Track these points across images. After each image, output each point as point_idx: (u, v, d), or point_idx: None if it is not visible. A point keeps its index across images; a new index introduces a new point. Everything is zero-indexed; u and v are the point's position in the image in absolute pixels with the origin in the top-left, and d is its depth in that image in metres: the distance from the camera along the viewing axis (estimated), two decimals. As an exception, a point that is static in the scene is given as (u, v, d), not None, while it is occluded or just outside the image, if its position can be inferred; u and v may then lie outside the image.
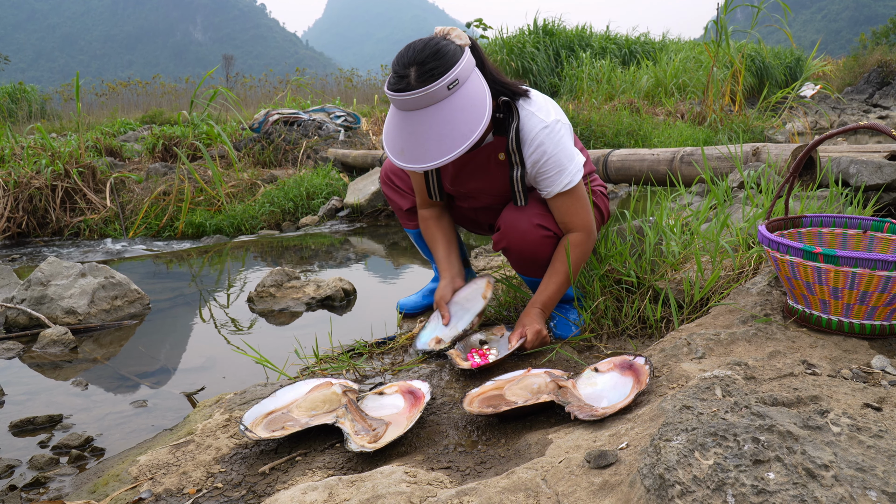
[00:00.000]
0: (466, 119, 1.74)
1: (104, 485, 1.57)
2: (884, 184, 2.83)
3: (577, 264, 2.02)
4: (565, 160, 1.92)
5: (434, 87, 1.70)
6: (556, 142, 1.91)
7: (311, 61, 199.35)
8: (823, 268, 1.53)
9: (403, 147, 1.79)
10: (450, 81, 1.71)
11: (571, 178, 1.94)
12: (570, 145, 1.97)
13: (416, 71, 1.71)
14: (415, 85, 1.70)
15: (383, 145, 1.87)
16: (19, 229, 5.65)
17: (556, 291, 2.04)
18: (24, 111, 15.20)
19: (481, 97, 1.78)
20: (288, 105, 10.51)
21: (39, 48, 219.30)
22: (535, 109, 1.93)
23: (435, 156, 1.74)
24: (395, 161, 1.82)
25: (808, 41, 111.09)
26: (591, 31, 15.33)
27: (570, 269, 2.01)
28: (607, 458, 1.21)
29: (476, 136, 1.73)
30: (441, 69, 1.71)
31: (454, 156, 1.73)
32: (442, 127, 1.73)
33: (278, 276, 3.26)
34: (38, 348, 2.64)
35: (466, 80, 1.77)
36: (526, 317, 2.03)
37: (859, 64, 18.90)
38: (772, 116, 9.51)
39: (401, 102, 1.74)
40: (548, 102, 1.99)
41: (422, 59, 1.72)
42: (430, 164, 1.76)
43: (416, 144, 1.76)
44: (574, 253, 2.00)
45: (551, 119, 1.92)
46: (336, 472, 1.49)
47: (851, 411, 1.23)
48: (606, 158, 4.54)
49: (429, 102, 1.72)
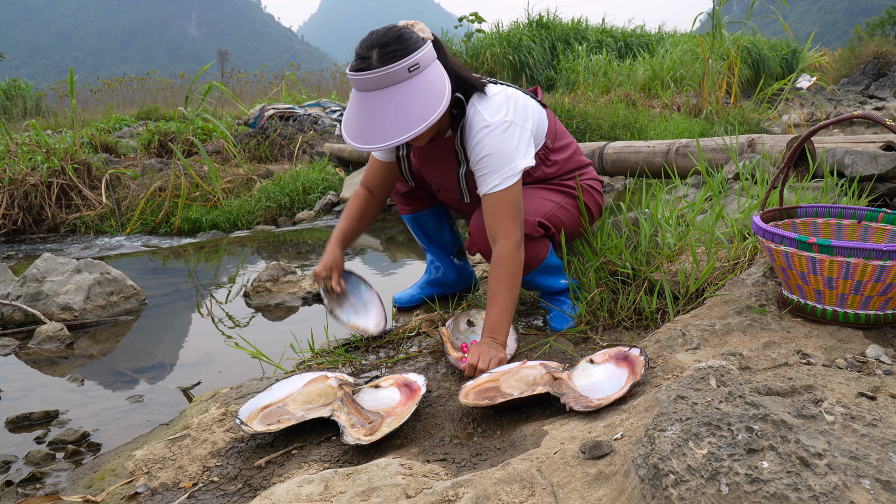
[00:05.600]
0: (424, 102, 1.77)
1: (100, 479, 1.57)
2: (879, 174, 2.83)
3: (510, 279, 1.90)
4: (499, 162, 1.90)
5: (395, 68, 1.74)
6: (495, 142, 1.90)
7: (307, 56, 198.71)
8: (818, 258, 1.53)
9: (361, 128, 1.80)
10: (411, 64, 1.76)
11: (501, 182, 1.89)
12: (510, 147, 1.91)
13: (378, 52, 1.76)
14: (376, 65, 1.75)
15: (342, 131, 1.87)
16: (15, 226, 5.63)
17: (499, 314, 1.89)
18: (19, 108, 15.11)
19: (440, 84, 1.81)
20: (283, 100, 10.47)
21: (34, 45, 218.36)
22: (483, 107, 1.93)
23: (391, 135, 1.76)
24: (352, 143, 1.82)
25: (804, 32, 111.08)
26: (587, 24, 15.31)
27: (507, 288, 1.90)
28: (602, 448, 1.21)
29: (432, 120, 1.76)
30: (403, 52, 1.76)
31: (409, 136, 1.75)
32: (399, 108, 1.76)
33: (274, 270, 3.25)
34: (33, 345, 2.63)
35: (427, 67, 1.81)
36: (477, 348, 1.87)
37: (855, 55, 18.90)
38: (768, 108, 9.51)
39: (361, 82, 1.77)
40: (505, 100, 1.96)
41: (384, 41, 1.77)
42: (384, 144, 1.77)
43: (374, 124, 1.78)
44: (503, 268, 1.89)
45: (497, 119, 1.91)
46: (332, 464, 1.49)
47: (846, 400, 1.23)
48: (602, 151, 4.54)
49: (389, 83, 1.75)
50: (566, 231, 2.20)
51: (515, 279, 1.91)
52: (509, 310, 1.91)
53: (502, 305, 1.90)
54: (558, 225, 2.15)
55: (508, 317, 1.91)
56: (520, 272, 1.92)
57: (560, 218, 2.15)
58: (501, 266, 1.90)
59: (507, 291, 1.90)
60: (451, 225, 2.55)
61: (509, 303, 1.91)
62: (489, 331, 1.90)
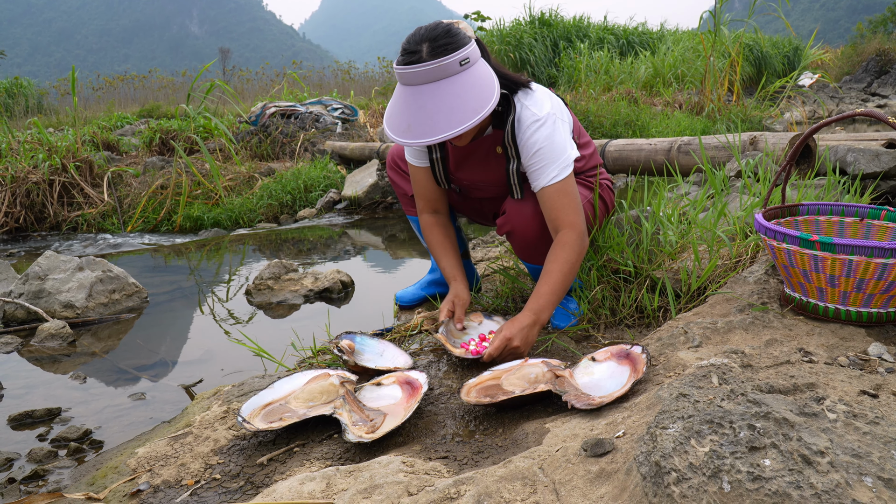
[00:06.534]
0: (477, 95, 1.75)
1: (103, 477, 1.58)
2: (881, 172, 2.83)
3: (568, 264, 1.89)
4: (554, 154, 1.91)
5: (447, 61, 1.72)
6: (547, 136, 1.90)
7: (308, 54, 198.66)
8: (820, 256, 1.53)
9: (411, 122, 1.77)
10: (462, 58, 1.74)
11: (559, 173, 1.90)
12: (561, 139, 1.93)
13: (429, 46, 1.74)
14: (427, 58, 1.73)
15: (385, 128, 1.84)
16: (17, 224, 5.63)
17: (549, 293, 1.88)
18: (21, 106, 15.11)
19: (490, 79, 1.80)
20: (285, 98, 10.47)
21: (35, 43, 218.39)
22: (530, 103, 1.93)
23: (444, 128, 1.73)
24: (400, 140, 1.78)
25: (806, 30, 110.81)
26: (589, 22, 15.29)
27: (563, 270, 1.89)
28: (604, 446, 1.21)
29: (485, 113, 1.74)
30: (454, 45, 1.75)
31: (463, 129, 1.72)
32: (453, 100, 1.73)
33: (276, 268, 3.25)
34: (36, 342, 2.64)
35: (476, 63, 1.80)
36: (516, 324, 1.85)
37: (857, 53, 18.84)
38: (770, 106, 9.49)
39: (411, 76, 1.74)
40: (546, 96, 1.99)
41: (434, 35, 1.75)
42: (438, 137, 1.74)
43: (425, 117, 1.74)
44: (563, 252, 1.89)
45: (544, 113, 1.92)
46: (334, 462, 1.49)
47: (848, 398, 1.23)
48: (604, 148, 4.53)
49: (441, 76, 1.73)
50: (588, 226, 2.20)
51: (574, 265, 1.90)
52: (559, 291, 1.89)
53: (552, 285, 1.88)
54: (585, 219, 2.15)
55: (557, 298, 1.89)
56: (580, 260, 1.91)
57: (586, 212, 2.15)
58: (563, 250, 1.89)
59: (562, 274, 1.88)
60: (457, 227, 2.55)
61: (561, 284, 1.89)
62: (534, 309, 1.87)
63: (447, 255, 2.25)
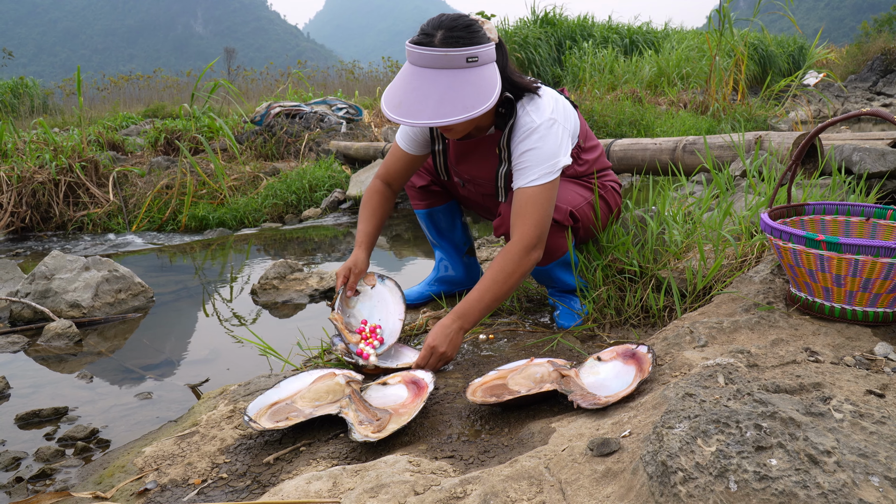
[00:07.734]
0: (472, 94, 1.76)
1: (110, 476, 1.58)
2: (887, 171, 2.82)
3: (503, 273, 1.85)
4: (540, 159, 1.90)
5: (454, 53, 1.74)
6: (538, 140, 1.90)
7: (313, 54, 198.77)
8: (826, 255, 1.53)
9: (402, 100, 1.78)
10: (470, 55, 1.75)
11: (539, 177, 1.88)
12: (553, 146, 1.90)
13: (444, 34, 1.76)
14: (437, 45, 1.75)
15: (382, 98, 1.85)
16: (23, 224, 5.66)
17: (476, 300, 1.85)
18: (27, 106, 15.16)
19: (492, 84, 1.80)
20: (289, 98, 10.49)
21: (41, 43, 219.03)
22: (532, 108, 1.94)
23: (429, 115, 1.74)
24: (389, 114, 1.79)
25: (811, 29, 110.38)
26: (593, 21, 15.26)
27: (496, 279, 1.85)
28: (610, 445, 1.21)
29: (474, 114, 1.74)
30: (467, 41, 1.76)
31: (447, 122, 1.74)
32: (446, 91, 1.75)
33: (281, 268, 3.26)
34: (42, 342, 2.65)
35: (485, 65, 1.80)
36: (442, 330, 1.84)
37: (863, 52, 18.76)
38: (775, 105, 9.47)
39: (418, 56, 1.77)
40: (551, 101, 1.98)
41: (452, 25, 1.77)
42: (420, 122, 1.75)
43: (416, 100, 1.76)
44: (501, 261, 1.86)
45: (543, 119, 1.92)
46: (340, 461, 1.49)
47: (854, 398, 1.23)
48: (609, 148, 4.53)
49: (445, 65, 1.75)
50: (587, 228, 2.21)
51: (510, 275, 1.85)
52: (487, 300, 1.85)
53: (481, 292, 1.86)
54: (584, 221, 2.16)
55: (485, 306, 1.86)
56: (519, 273, 1.87)
57: (586, 214, 2.16)
58: (502, 258, 1.87)
59: (494, 283, 1.85)
60: (463, 222, 2.56)
61: (490, 293, 1.85)
62: (458, 313, 1.85)
63: (371, 221, 2.23)
